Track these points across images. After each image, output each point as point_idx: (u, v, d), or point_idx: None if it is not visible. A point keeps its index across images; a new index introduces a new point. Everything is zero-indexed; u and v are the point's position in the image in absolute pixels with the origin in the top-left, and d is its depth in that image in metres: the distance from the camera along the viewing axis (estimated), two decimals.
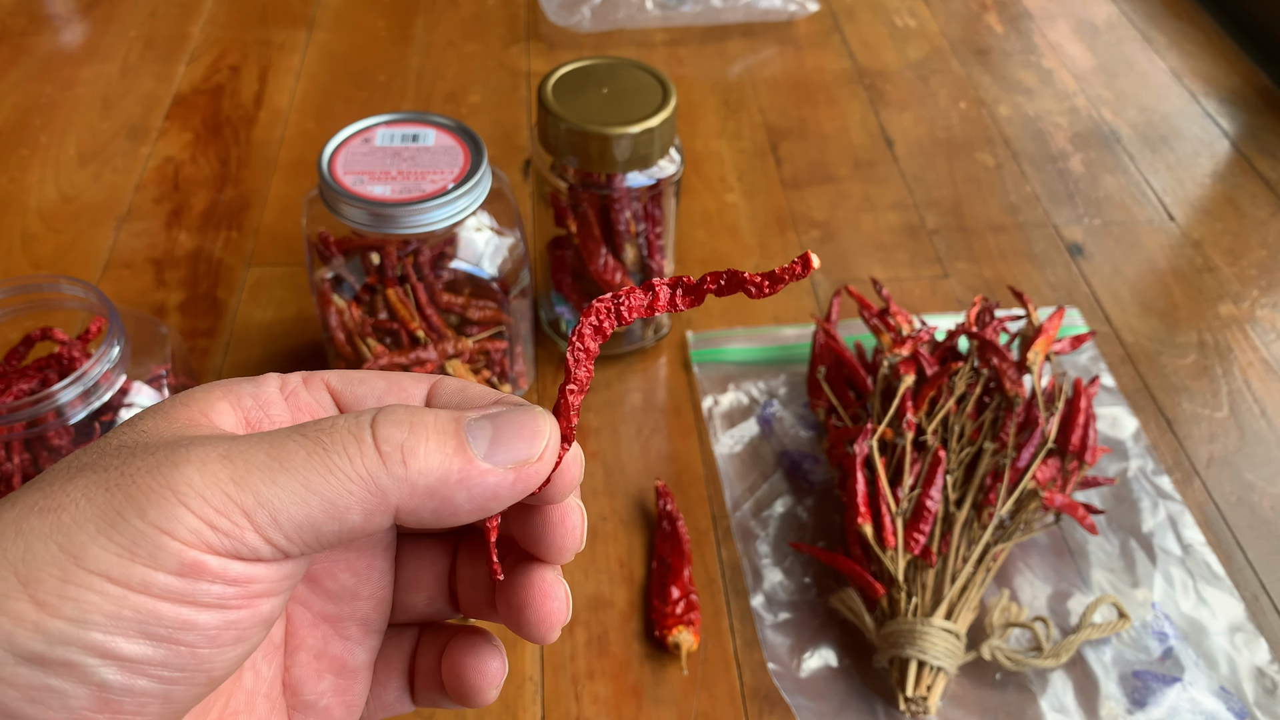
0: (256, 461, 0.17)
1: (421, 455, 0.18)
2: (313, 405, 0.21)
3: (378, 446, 0.17)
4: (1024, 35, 0.82)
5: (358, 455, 0.17)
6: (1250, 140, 0.71)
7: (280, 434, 0.18)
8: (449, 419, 0.18)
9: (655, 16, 0.78)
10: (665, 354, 0.54)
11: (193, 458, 0.17)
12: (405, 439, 0.18)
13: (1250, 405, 0.53)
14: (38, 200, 0.62)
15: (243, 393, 0.20)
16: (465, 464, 0.18)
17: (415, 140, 0.43)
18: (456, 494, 0.18)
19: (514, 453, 0.18)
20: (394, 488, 0.17)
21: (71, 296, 0.40)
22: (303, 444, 0.17)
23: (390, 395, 0.21)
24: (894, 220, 0.63)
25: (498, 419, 0.19)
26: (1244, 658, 0.42)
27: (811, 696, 0.40)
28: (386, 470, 0.17)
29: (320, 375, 0.21)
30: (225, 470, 0.17)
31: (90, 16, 0.79)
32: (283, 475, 0.17)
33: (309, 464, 0.17)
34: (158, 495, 0.16)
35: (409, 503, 0.18)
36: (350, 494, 0.17)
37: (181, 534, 0.16)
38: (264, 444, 0.17)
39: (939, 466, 0.42)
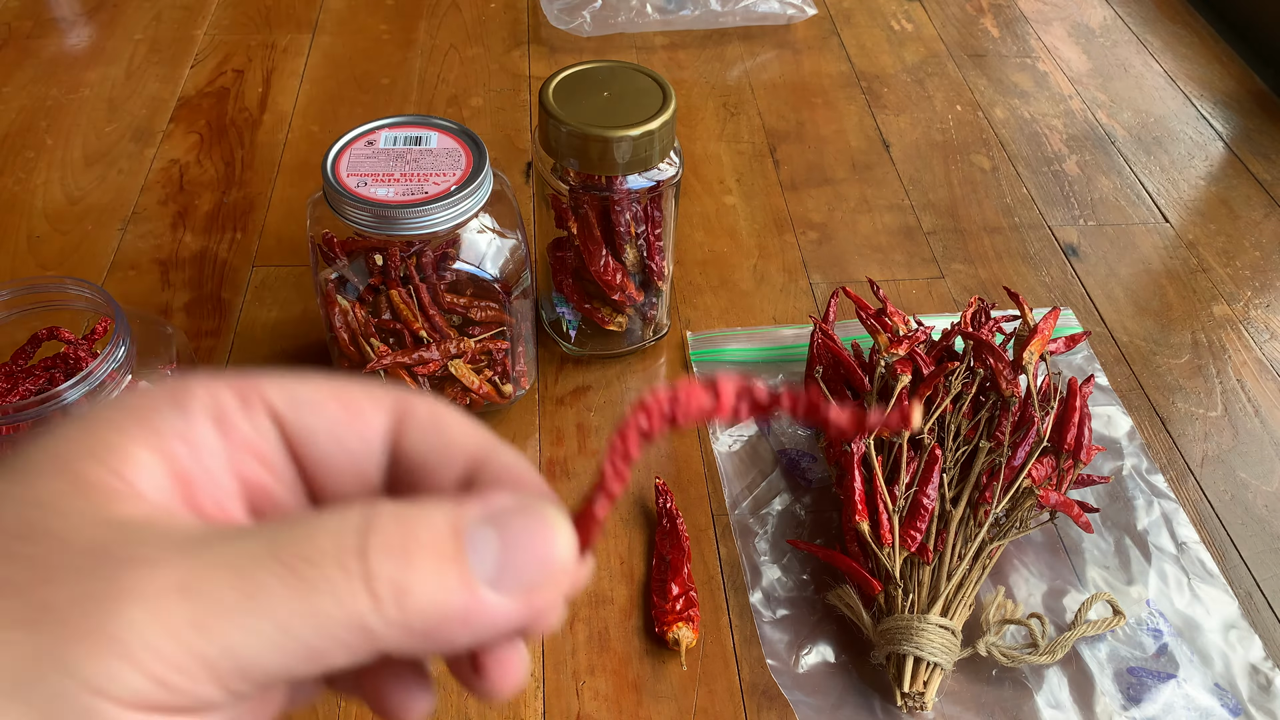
0: (223, 600, 0.14)
1: (418, 593, 0.14)
2: (252, 438, 0.17)
3: (369, 585, 0.14)
4: (1019, 39, 0.82)
5: (347, 594, 0.14)
6: (1244, 142, 0.72)
7: (251, 557, 0.14)
8: (448, 532, 0.15)
9: (655, 21, 0.79)
10: (665, 354, 0.55)
11: (139, 591, 0.13)
12: (400, 575, 0.14)
13: (1244, 404, 0.54)
14: (44, 202, 0.63)
15: (168, 433, 0.16)
16: (468, 598, 0.15)
17: (418, 143, 0.44)
18: (457, 633, 0.15)
19: (525, 577, 0.15)
20: (386, 631, 0.14)
21: (78, 297, 0.40)
22: (281, 577, 0.14)
23: (349, 428, 0.17)
24: (891, 222, 0.64)
25: (506, 528, 0.15)
26: (1238, 654, 0.42)
27: (809, 692, 0.41)
28: (379, 613, 0.14)
29: (259, 393, 0.17)
30: (183, 611, 0.13)
31: (96, 20, 0.79)
32: (256, 620, 0.14)
33: (288, 605, 0.14)
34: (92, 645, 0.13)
35: (401, 644, 0.15)
36: (335, 639, 0.14)
37: (121, 694, 0.13)
38: (231, 572, 0.14)
39: (935, 465, 0.42)
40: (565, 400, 0.52)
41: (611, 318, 0.52)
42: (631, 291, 0.50)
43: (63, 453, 0.15)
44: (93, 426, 0.15)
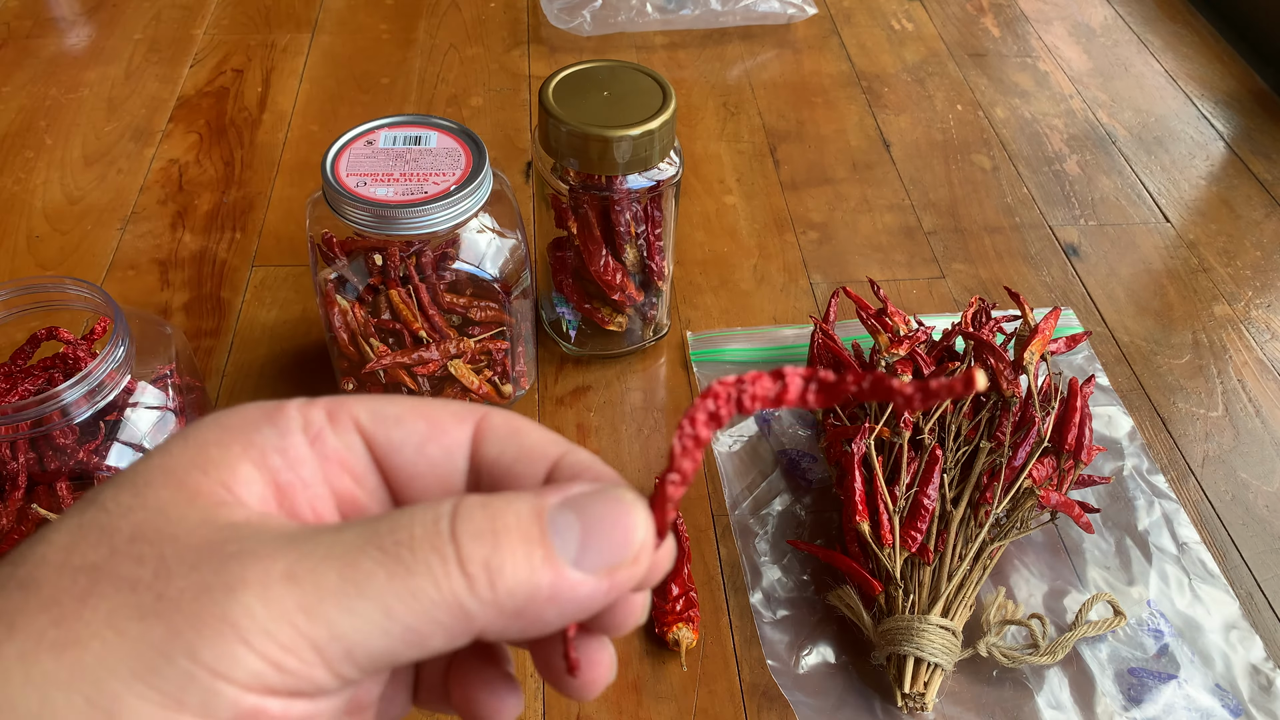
0: (328, 585, 0.14)
1: (509, 574, 0.15)
2: (342, 453, 0.18)
3: (463, 566, 0.15)
4: (1020, 38, 0.82)
5: (443, 576, 0.15)
6: (1245, 142, 0.72)
7: (351, 546, 0.15)
8: (531, 517, 0.16)
9: (655, 20, 0.79)
10: (665, 354, 0.55)
11: (251, 580, 0.14)
12: (490, 556, 0.15)
13: (1244, 404, 0.54)
14: (43, 201, 0.63)
15: (267, 448, 0.17)
16: (555, 577, 0.16)
17: (418, 142, 0.44)
18: (546, 611, 0.16)
19: (606, 556, 0.16)
20: (480, 611, 0.15)
21: (77, 297, 0.40)
22: (382, 562, 0.15)
23: (432, 440, 0.18)
24: (891, 221, 0.64)
25: (585, 512, 0.16)
26: (1239, 655, 0.42)
27: (810, 693, 0.40)
28: (473, 594, 0.15)
29: (348, 410, 0.18)
30: (292, 596, 0.14)
31: (95, 19, 0.79)
32: (361, 602, 0.14)
33: (390, 588, 0.15)
34: (212, 630, 0.14)
35: (494, 624, 0.15)
36: (434, 621, 0.15)
37: (240, 677, 0.14)
38: (334, 561, 0.15)
39: (936, 465, 0.42)
40: (565, 400, 0.52)
41: (611, 318, 0.52)
42: (631, 291, 0.50)
43: (172, 466, 0.16)
44: (198, 442, 0.17)
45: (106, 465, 0.37)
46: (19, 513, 0.37)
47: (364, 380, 0.47)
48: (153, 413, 0.39)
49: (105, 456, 0.37)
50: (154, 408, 0.40)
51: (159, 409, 0.40)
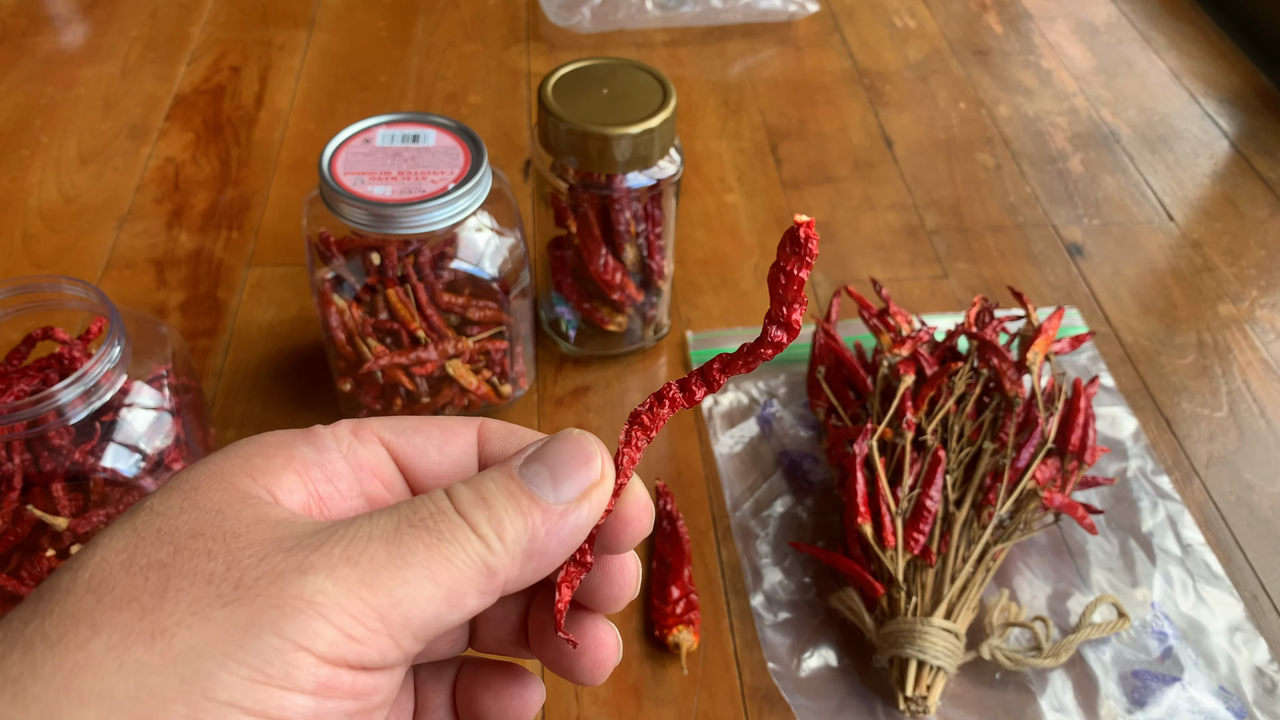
0: (381, 560, 0.16)
1: (509, 525, 0.18)
2: (372, 463, 0.20)
3: (475, 530, 0.17)
4: (1023, 36, 0.82)
5: (466, 541, 0.17)
6: (1249, 140, 0.72)
7: (389, 528, 0.17)
8: (506, 477, 0.18)
9: (655, 17, 0.78)
10: (665, 354, 0.54)
11: (317, 564, 0.16)
12: (489, 516, 0.18)
13: (1249, 405, 0.53)
14: (39, 200, 0.62)
15: (308, 462, 0.19)
16: (544, 513, 0.18)
17: (416, 141, 0.43)
18: (549, 545, 0.18)
19: (577, 482, 0.19)
20: (500, 563, 0.17)
21: (72, 296, 0.40)
22: (421, 537, 0.17)
23: (449, 442, 0.21)
24: (893, 220, 0.64)
25: (547, 456, 0.19)
26: (1243, 657, 0.42)
27: (811, 696, 0.40)
28: (490, 550, 0.17)
29: (370, 427, 0.20)
30: (354, 574, 0.16)
31: (91, 17, 0.79)
32: (410, 571, 0.16)
33: (430, 557, 0.17)
34: (291, 608, 0.15)
35: (514, 572, 0.18)
36: (468, 580, 0.17)
37: (320, 649, 0.15)
38: (380, 541, 0.17)
39: (938, 466, 0.42)
40: (564, 401, 0.52)
41: (611, 318, 0.51)
42: (631, 291, 0.50)
43: (222, 471, 0.18)
44: (242, 455, 0.19)
45: (102, 466, 0.37)
46: (14, 514, 0.37)
47: (361, 380, 0.46)
48: (149, 413, 0.39)
49: (101, 457, 0.37)
50: (150, 408, 0.39)
51: (155, 409, 0.39)
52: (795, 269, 0.18)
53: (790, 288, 0.18)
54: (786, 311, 0.18)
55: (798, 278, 0.18)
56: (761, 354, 0.19)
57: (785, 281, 0.18)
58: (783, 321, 0.19)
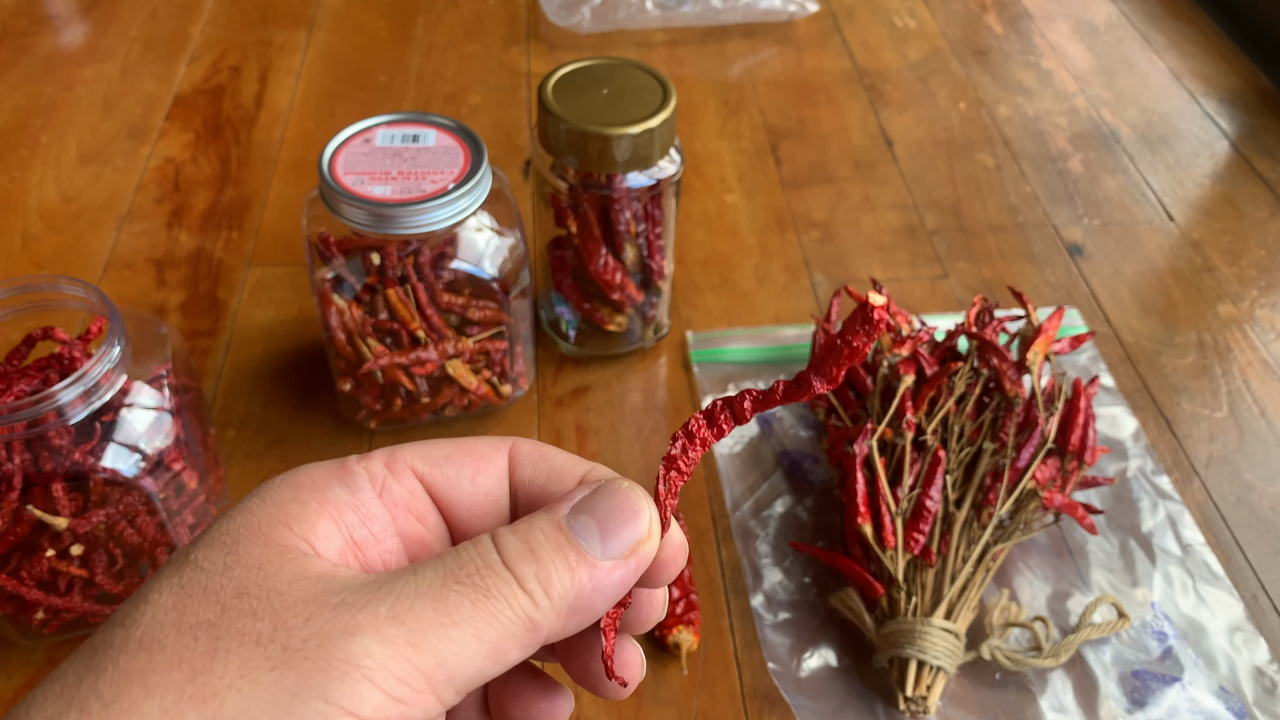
0: (427, 619, 0.16)
1: (556, 581, 0.18)
2: (407, 498, 0.20)
3: (522, 585, 0.17)
4: (1023, 36, 0.82)
5: (513, 597, 0.17)
6: (1249, 140, 0.72)
7: (435, 584, 0.17)
8: (553, 529, 0.18)
9: (655, 17, 0.78)
10: (665, 354, 0.54)
11: (364, 625, 0.16)
12: (537, 571, 0.18)
13: (1249, 405, 0.53)
14: (39, 200, 0.62)
15: (342, 505, 0.19)
16: (591, 570, 0.18)
17: (415, 141, 0.43)
18: (594, 601, 0.18)
19: (625, 539, 0.19)
20: (545, 619, 0.18)
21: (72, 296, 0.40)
22: (466, 594, 0.17)
23: (481, 471, 0.21)
24: (894, 220, 0.63)
25: (595, 509, 0.19)
26: (1243, 657, 0.42)
27: (811, 696, 0.40)
28: (536, 606, 0.18)
29: (404, 459, 0.20)
30: (401, 634, 0.16)
31: (91, 17, 0.79)
32: (455, 630, 0.17)
33: (476, 615, 0.17)
34: (339, 672, 0.15)
35: (557, 626, 0.18)
36: (513, 636, 0.17)
37: (366, 712, 0.15)
38: (426, 598, 0.17)
39: (938, 466, 0.42)
40: (564, 401, 0.52)
41: (611, 318, 0.51)
42: (631, 291, 0.50)
43: (257, 524, 0.18)
44: (277, 500, 0.19)
45: (102, 466, 0.37)
46: (14, 514, 0.37)
47: (361, 380, 0.46)
48: (149, 413, 0.39)
49: (101, 457, 0.37)
50: (150, 408, 0.39)
51: (155, 409, 0.39)
52: (860, 344, 0.18)
53: (847, 356, 0.18)
54: (835, 370, 0.18)
55: (860, 351, 0.18)
56: (797, 398, 0.19)
57: (845, 351, 0.18)
58: (828, 376, 0.19)
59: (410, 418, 0.49)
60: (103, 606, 0.39)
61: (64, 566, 0.38)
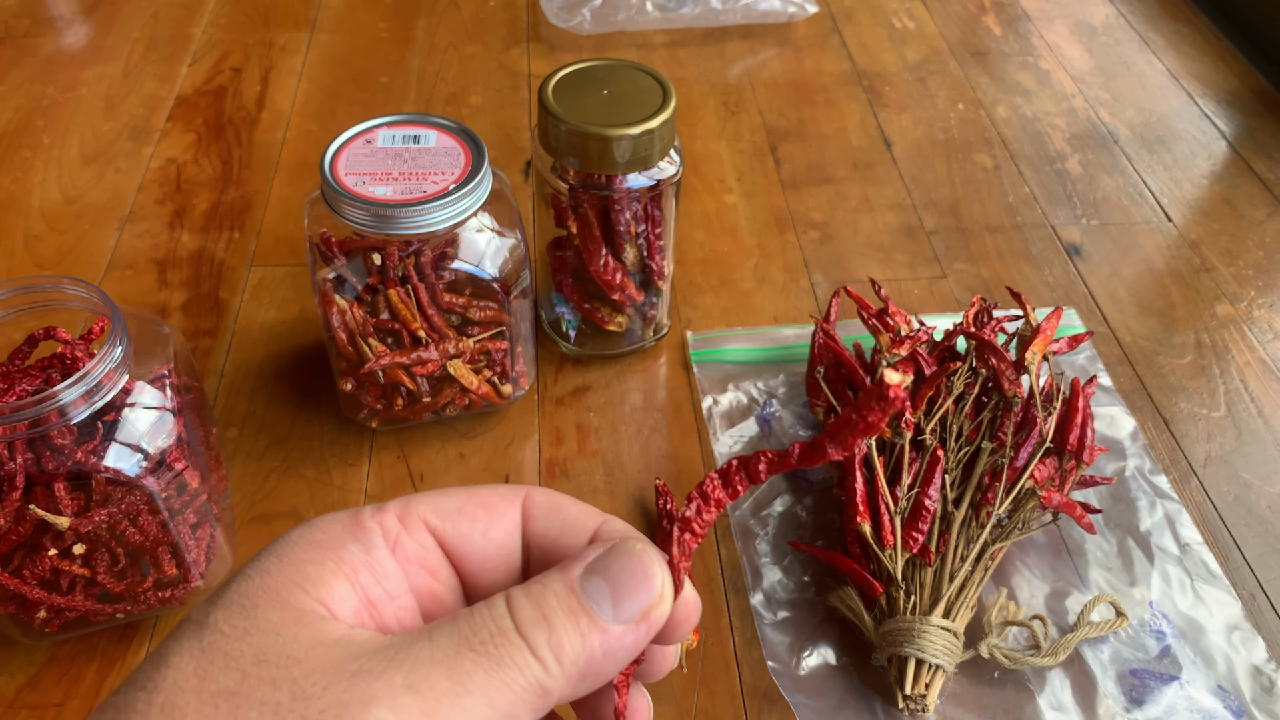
0: (442, 688, 0.17)
1: (568, 647, 0.18)
2: (420, 553, 0.20)
3: (535, 653, 0.18)
4: (1022, 37, 0.82)
5: (524, 665, 0.18)
6: (1247, 141, 0.72)
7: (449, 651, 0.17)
8: (566, 592, 0.19)
9: (655, 18, 0.78)
10: (665, 354, 0.55)
11: (379, 694, 0.16)
12: (549, 637, 0.18)
13: (1247, 405, 0.53)
14: (41, 201, 0.62)
15: (357, 565, 0.19)
16: (603, 636, 0.18)
17: (417, 141, 0.43)
18: (604, 666, 0.18)
19: (637, 604, 0.19)
20: (555, 684, 0.18)
21: (74, 297, 0.40)
22: (479, 663, 0.17)
23: (494, 525, 0.21)
24: (892, 221, 0.64)
25: (609, 572, 0.19)
26: (1241, 656, 0.42)
27: (811, 694, 0.40)
28: (548, 673, 0.18)
29: (417, 513, 0.21)
30: (416, 704, 0.16)
31: (93, 18, 0.79)
32: (469, 699, 0.17)
33: (489, 684, 0.17)
34: None
35: (566, 690, 0.18)
36: (524, 703, 0.17)
37: None
38: (441, 666, 0.17)
39: (937, 466, 0.42)
40: (565, 401, 0.52)
41: (611, 318, 0.51)
42: (631, 291, 0.50)
43: (273, 586, 0.18)
44: (293, 560, 0.19)
45: (104, 465, 0.37)
46: (16, 513, 0.37)
47: (362, 380, 0.46)
48: (151, 413, 0.39)
49: (103, 456, 0.37)
50: (152, 408, 0.39)
51: (157, 409, 0.39)
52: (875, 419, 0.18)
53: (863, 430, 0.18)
54: (850, 440, 0.19)
55: (876, 426, 0.18)
56: (811, 463, 0.19)
57: (860, 426, 0.18)
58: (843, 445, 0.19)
59: (411, 417, 0.49)
60: (104, 605, 0.40)
61: (66, 566, 0.38)
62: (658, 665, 0.21)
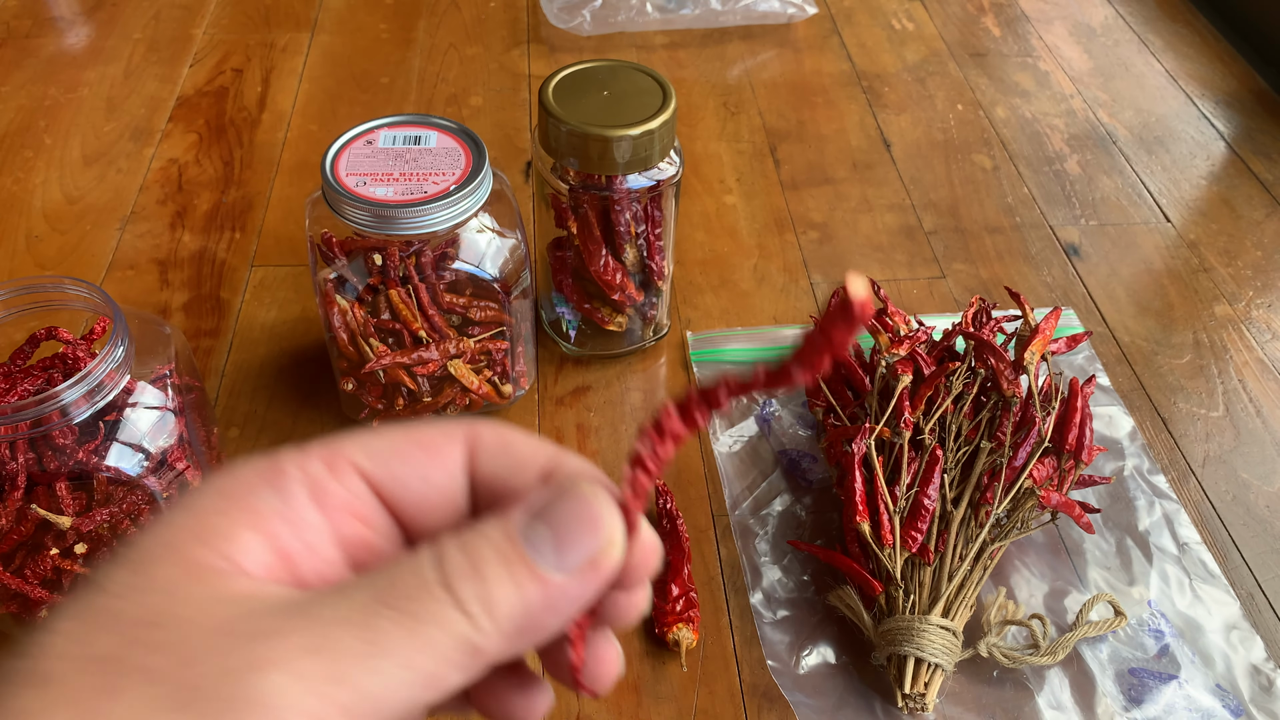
0: (351, 650, 0.15)
1: (501, 600, 0.16)
2: (348, 500, 0.18)
3: (462, 608, 0.16)
4: (1021, 38, 0.82)
5: (450, 621, 0.16)
6: (1245, 142, 0.72)
7: (363, 608, 0.15)
8: (503, 537, 0.17)
9: (655, 19, 0.79)
10: (665, 354, 0.55)
11: (275, 658, 0.14)
12: (479, 590, 0.16)
13: (1245, 404, 0.54)
14: (43, 201, 0.63)
15: (271, 515, 0.17)
16: (542, 587, 0.16)
17: (417, 142, 0.44)
18: (545, 620, 0.17)
19: (583, 551, 0.17)
20: (488, 642, 0.16)
21: (76, 297, 0.40)
22: (397, 620, 0.15)
23: (433, 466, 0.19)
24: (891, 221, 0.64)
25: (552, 517, 0.17)
26: (1239, 655, 0.42)
27: (810, 693, 0.40)
28: (477, 629, 0.16)
29: (346, 456, 0.18)
30: (318, 667, 0.15)
31: (94, 19, 0.79)
32: (382, 661, 0.15)
33: (407, 642, 0.15)
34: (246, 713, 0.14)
35: (502, 648, 0.16)
36: (450, 661, 0.16)
37: None
38: (351, 626, 0.15)
39: (936, 465, 0.42)
40: (565, 400, 0.52)
41: (611, 318, 0.51)
42: (631, 291, 0.50)
43: (173, 540, 0.16)
44: (199, 511, 0.17)
45: (106, 465, 0.37)
46: (18, 513, 0.37)
47: (363, 380, 0.47)
48: (152, 413, 0.39)
49: (104, 456, 0.37)
50: (153, 408, 0.39)
51: (158, 409, 0.40)
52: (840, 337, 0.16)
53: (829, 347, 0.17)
54: (816, 360, 0.17)
55: (841, 344, 0.17)
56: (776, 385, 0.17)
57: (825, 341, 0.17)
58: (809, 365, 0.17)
59: (412, 417, 0.49)
60: None
61: (68, 565, 0.38)
62: (624, 611, 0.19)
